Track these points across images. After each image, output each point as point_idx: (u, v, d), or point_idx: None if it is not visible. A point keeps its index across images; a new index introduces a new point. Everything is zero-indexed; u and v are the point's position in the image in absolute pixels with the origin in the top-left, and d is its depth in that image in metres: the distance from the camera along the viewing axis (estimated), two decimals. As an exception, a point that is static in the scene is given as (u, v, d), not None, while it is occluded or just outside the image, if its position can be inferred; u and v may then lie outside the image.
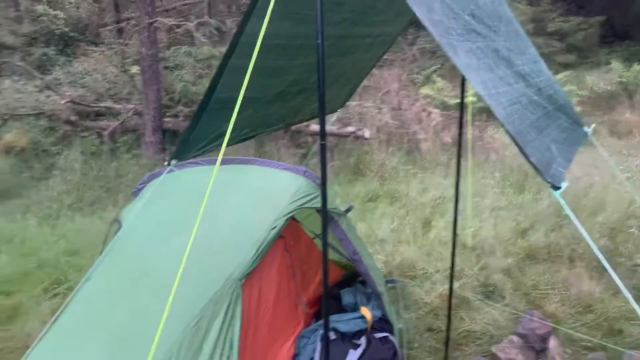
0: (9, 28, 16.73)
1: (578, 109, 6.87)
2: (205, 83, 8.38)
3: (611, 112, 7.77)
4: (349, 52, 2.58)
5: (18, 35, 16.10)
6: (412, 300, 3.16)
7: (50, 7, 17.34)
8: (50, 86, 9.79)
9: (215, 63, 8.74)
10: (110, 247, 2.52)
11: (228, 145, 1.80)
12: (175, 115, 8.26)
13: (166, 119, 8.36)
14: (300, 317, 2.62)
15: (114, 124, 8.95)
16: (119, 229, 2.92)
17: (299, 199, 2.45)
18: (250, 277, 2.17)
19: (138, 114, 9.02)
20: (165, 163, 2.49)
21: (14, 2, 18.51)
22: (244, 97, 1.71)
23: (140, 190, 2.95)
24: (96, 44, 15.81)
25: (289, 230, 2.66)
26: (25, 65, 10.16)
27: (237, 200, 2.43)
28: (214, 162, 2.78)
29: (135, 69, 11.68)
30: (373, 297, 2.72)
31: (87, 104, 9.44)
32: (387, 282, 2.94)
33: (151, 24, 7.74)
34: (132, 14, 18.88)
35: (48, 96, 9.97)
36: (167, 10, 9.55)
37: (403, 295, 3.10)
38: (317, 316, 2.74)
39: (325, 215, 2.00)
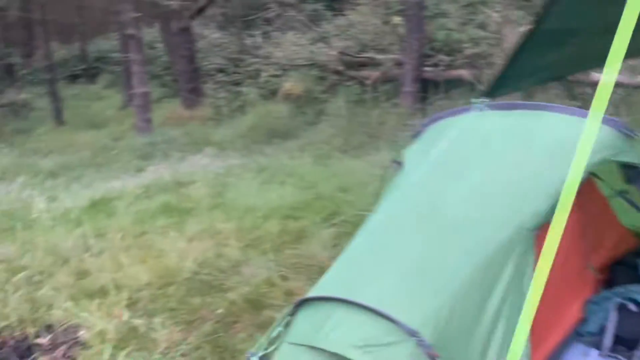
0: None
1: None
2: (470, 31, 8.09)
3: None
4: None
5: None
6: None
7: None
8: (323, 38, 10.74)
9: (482, 8, 8.32)
10: (394, 184, 2.65)
11: (544, 83, 1.66)
12: (436, 65, 8.21)
13: (426, 69, 8.38)
14: (589, 281, 2.39)
15: (375, 73, 9.40)
16: (399, 168, 3.05)
17: (603, 150, 2.17)
18: (542, 229, 2.04)
19: (398, 64, 9.26)
20: (473, 101, 2.46)
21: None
22: (567, 29, 1.54)
23: (421, 131, 3.01)
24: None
25: (582, 186, 2.40)
26: (304, 19, 11.23)
27: (528, 147, 2.28)
28: (500, 107, 2.66)
29: (396, 20, 11.98)
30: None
31: (353, 54, 10.10)
32: None
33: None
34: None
35: (319, 48, 11.00)
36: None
37: None
38: (607, 283, 2.46)
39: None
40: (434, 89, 8.33)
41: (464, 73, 7.78)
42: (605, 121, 2.25)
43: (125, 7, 8.37)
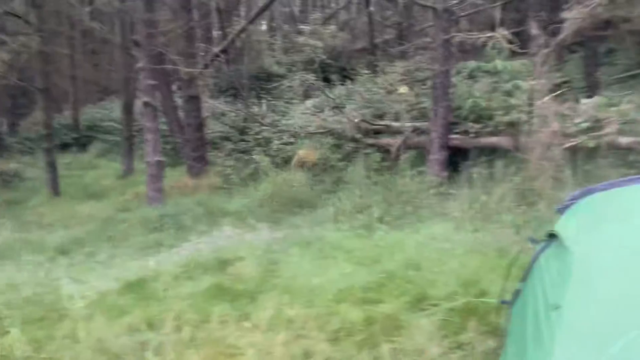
0: (274, 58, 19.15)
1: None
2: (498, 98, 7.99)
3: None
4: None
5: (284, 64, 18.28)
6: None
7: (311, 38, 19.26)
8: (335, 107, 10.59)
9: (506, 77, 8.29)
10: (566, 270, 2.21)
11: None
12: (465, 132, 8.03)
13: (452, 136, 8.20)
14: None
15: (396, 141, 9.19)
16: (543, 248, 2.64)
17: None
18: None
19: (420, 131, 9.10)
20: None
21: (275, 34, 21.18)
22: None
23: (568, 207, 2.63)
24: (353, 68, 16.97)
25: None
26: (321, 86, 11.13)
27: None
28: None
29: (403, 89, 12.02)
30: None
31: (369, 122, 9.93)
32: None
33: (447, 40, 7.70)
34: (387, 37, 19.74)
35: (331, 116, 10.84)
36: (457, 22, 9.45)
37: None
38: None
39: None
40: (462, 156, 8.13)
41: (497, 140, 7.61)
42: None
43: (142, 75, 8.07)
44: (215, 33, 19.88)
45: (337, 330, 3.39)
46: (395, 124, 9.81)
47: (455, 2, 7.76)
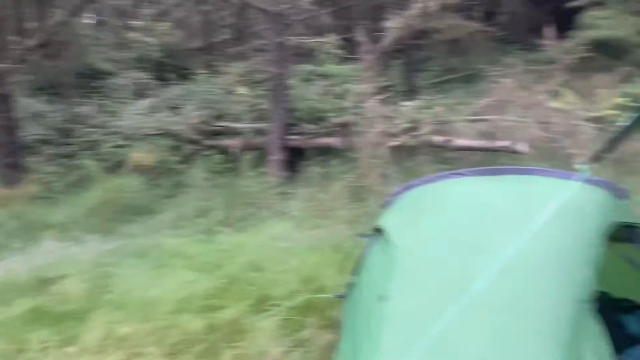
0: (102, 55, 17.75)
1: None
2: (331, 101, 8.38)
3: None
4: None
5: (115, 61, 17.04)
6: None
7: (144, 35, 18.21)
8: (172, 108, 10.16)
9: (338, 81, 8.74)
10: (391, 262, 2.38)
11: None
12: (302, 133, 8.28)
13: (291, 137, 8.40)
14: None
15: (236, 142, 9.11)
16: (372, 242, 2.81)
17: (609, 212, 2.24)
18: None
19: (260, 132, 9.15)
20: (577, 167, 2.37)
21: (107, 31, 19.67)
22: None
23: (390, 202, 2.84)
24: (189, 68, 16.46)
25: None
26: (156, 85, 10.54)
27: (540, 214, 2.24)
28: (480, 173, 2.63)
29: (242, 90, 11.99)
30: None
31: (208, 123, 9.71)
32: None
33: (281, 43, 7.85)
34: (224, 36, 19.45)
35: (168, 116, 10.36)
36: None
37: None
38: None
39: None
40: (300, 156, 8.37)
41: (331, 141, 7.98)
42: (602, 185, 2.35)
43: None
44: (32, 25, 17.69)
45: (176, 343, 3.23)
46: (236, 125, 9.74)
47: (287, 6, 7.94)
